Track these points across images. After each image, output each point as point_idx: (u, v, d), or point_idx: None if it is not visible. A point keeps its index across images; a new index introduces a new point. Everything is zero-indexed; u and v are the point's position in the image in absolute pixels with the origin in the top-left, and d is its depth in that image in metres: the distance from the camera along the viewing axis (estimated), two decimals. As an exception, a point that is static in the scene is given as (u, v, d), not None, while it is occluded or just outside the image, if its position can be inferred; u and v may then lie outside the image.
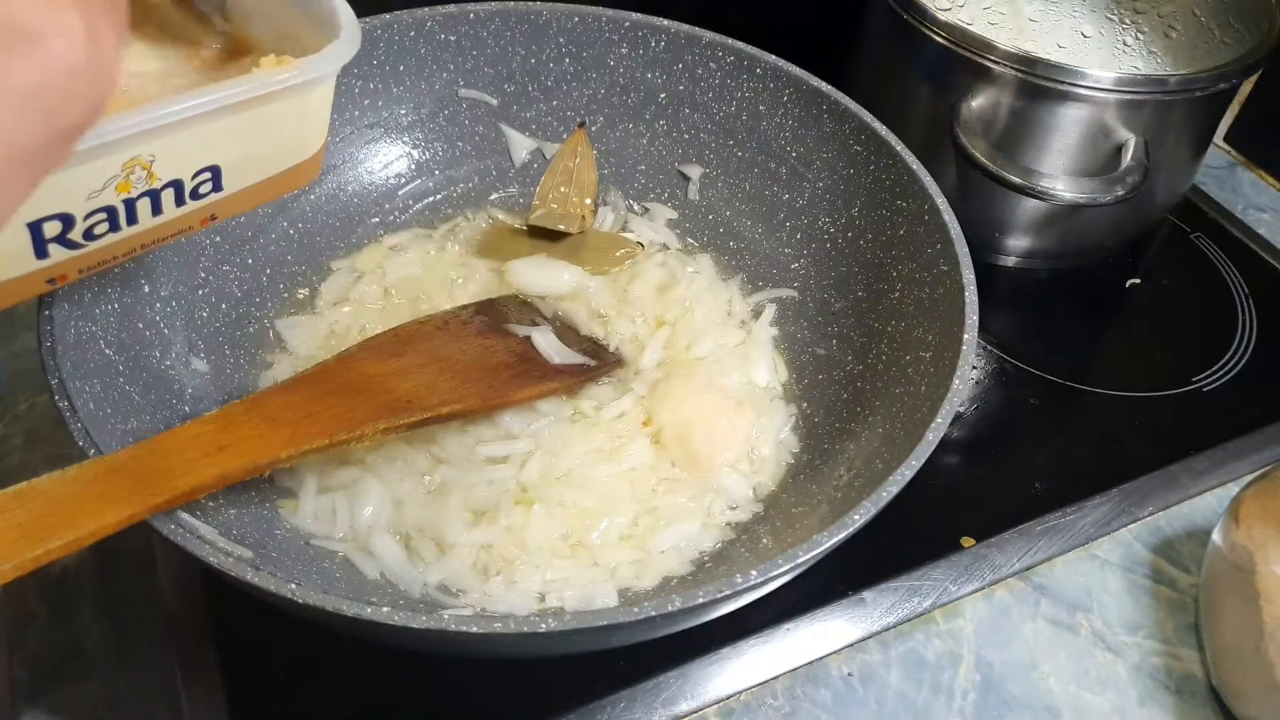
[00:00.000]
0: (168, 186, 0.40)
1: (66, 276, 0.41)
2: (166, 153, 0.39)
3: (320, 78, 0.43)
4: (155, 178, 0.39)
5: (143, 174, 0.39)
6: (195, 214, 0.43)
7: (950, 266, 0.59)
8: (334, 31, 0.44)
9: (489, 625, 0.41)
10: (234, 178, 0.43)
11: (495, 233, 0.75)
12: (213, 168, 0.42)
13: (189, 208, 0.42)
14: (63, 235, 0.38)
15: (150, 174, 0.39)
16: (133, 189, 0.39)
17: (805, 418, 0.65)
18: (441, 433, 0.60)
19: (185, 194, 0.41)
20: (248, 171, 0.44)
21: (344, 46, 0.43)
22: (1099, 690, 0.58)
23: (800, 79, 0.69)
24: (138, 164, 0.38)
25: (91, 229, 0.39)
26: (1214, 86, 0.73)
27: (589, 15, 0.73)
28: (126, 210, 0.39)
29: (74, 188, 0.37)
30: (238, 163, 0.43)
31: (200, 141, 0.40)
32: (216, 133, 0.40)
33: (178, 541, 0.43)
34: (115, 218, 0.39)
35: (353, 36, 0.44)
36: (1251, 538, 0.57)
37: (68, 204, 0.37)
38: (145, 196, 0.40)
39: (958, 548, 0.63)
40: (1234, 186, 0.95)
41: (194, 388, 0.59)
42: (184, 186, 0.41)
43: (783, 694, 0.57)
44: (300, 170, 0.47)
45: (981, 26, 0.91)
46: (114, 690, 0.55)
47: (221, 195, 0.43)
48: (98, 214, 0.39)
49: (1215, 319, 0.81)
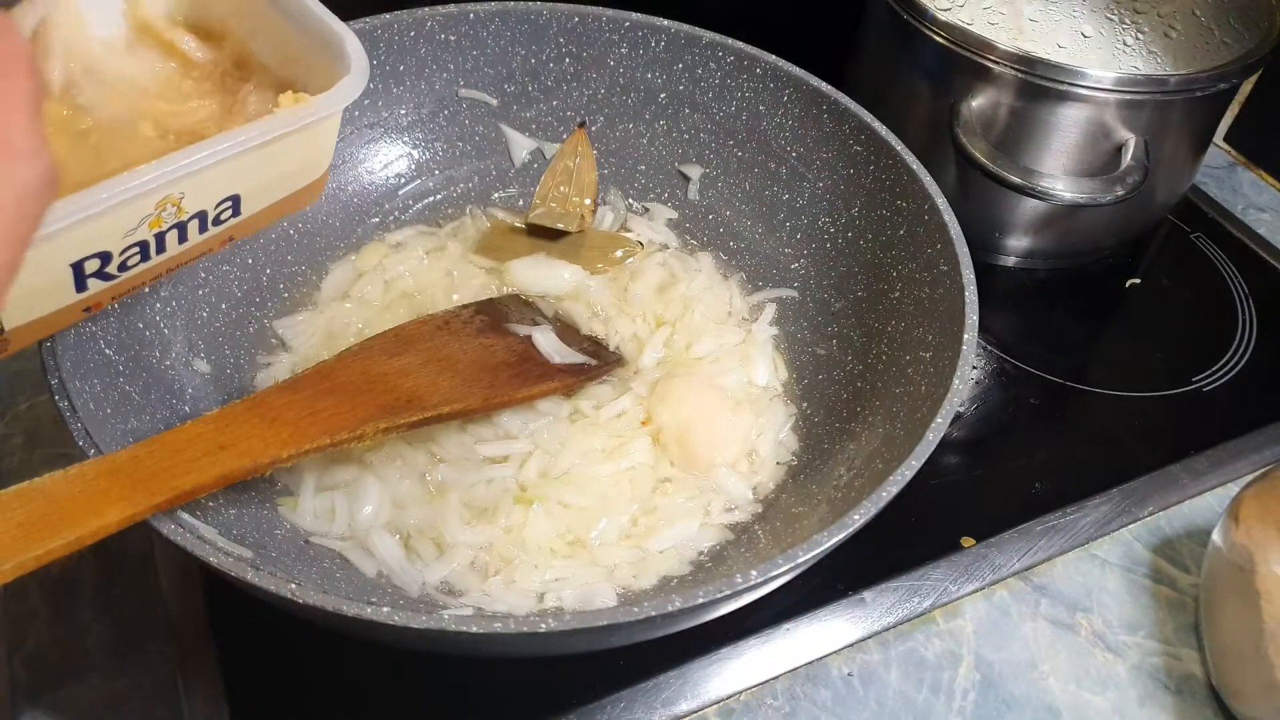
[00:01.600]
0: (194, 218, 0.43)
1: (101, 304, 0.43)
2: (195, 189, 0.41)
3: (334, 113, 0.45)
4: (184, 212, 0.42)
5: (173, 210, 0.41)
6: (216, 238, 0.45)
7: (950, 266, 0.59)
8: (339, 58, 0.45)
9: (489, 625, 0.41)
10: (251, 204, 0.45)
11: (495, 232, 0.75)
12: (233, 197, 0.44)
13: (210, 234, 0.44)
14: (101, 270, 0.40)
15: (179, 209, 0.41)
16: (164, 224, 0.41)
17: (805, 418, 0.65)
18: (441, 432, 0.60)
19: (209, 222, 0.44)
20: (264, 197, 0.46)
21: (355, 81, 0.45)
22: (1099, 690, 0.58)
23: (800, 79, 0.69)
24: (170, 202, 0.40)
25: (125, 261, 0.41)
26: (1214, 86, 0.73)
27: (589, 15, 0.73)
28: (156, 242, 0.42)
29: (113, 229, 0.39)
30: (255, 190, 0.45)
31: (225, 176, 0.42)
32: (240, 167, 0.42)
33: (178, 541, 0.43)
34: (147, 250, 0.42)
35: (362, 69, 0.45)
36: (1251, 537, 0.57)
37: (107, 244, 0.40)
38: (174, 229, 0.42)
39: (958, 548, 0.63)
40: (1234, 186, 0.95)
41: (194, 388, 0.59)
42: (208, 216, 0.43)
43: (783, 694, 0.57)
44: (310, 189, 0.49)
45: (981, 26, 0.91)
46: (114, 689, 0.55)
47: (240, 219, 0.45)
48: (132, 248, 0.41)
49: (1215, 319, 0.81)
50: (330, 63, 0.45)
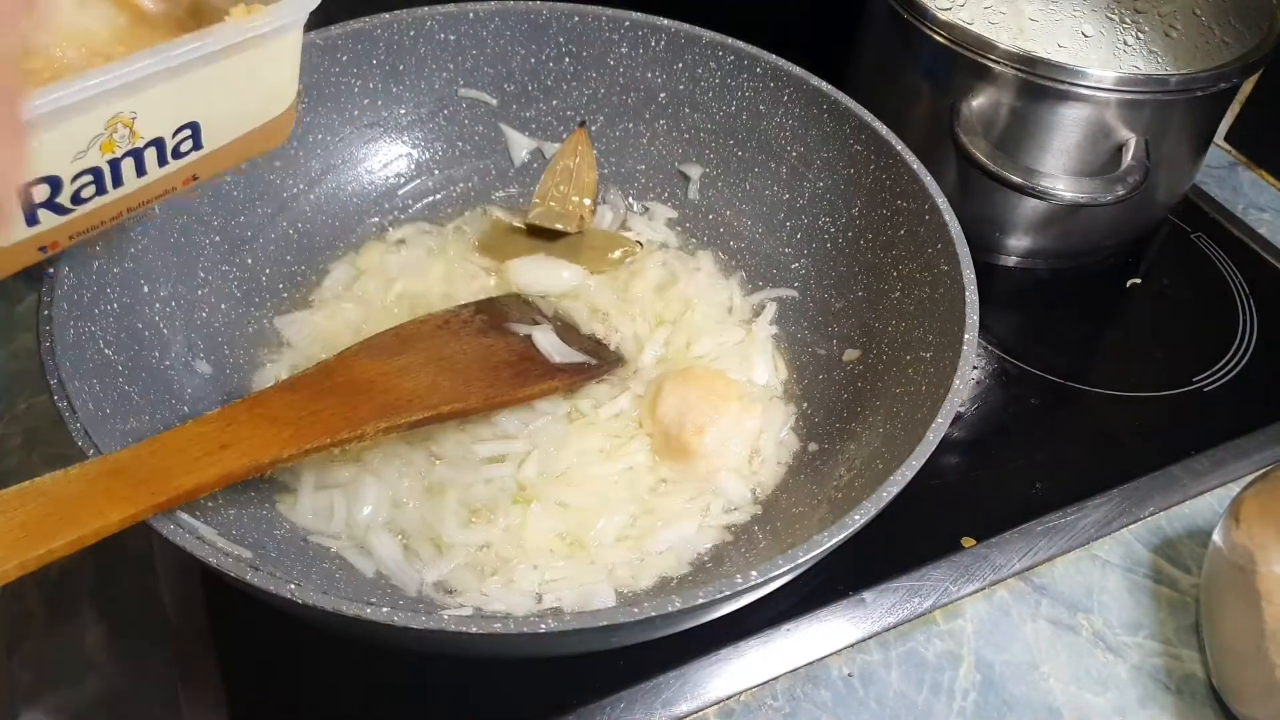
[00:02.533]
0: (150, 145, 0.41)
1: (58, 243, 0.41)
2: (147, 109, 0.39)
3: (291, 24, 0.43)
4: (137, 136, 0.40)
5: (125, 132, 0.39)
6: (178, 174, 0.43)
7: (950, 266, 0.59)
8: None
9: (488, 625, 0.41)
10: (213, 134, 0.43)
11: (494, 231, 0.75)
12: (192, 124, 0.42)
13: (171, 167, 0.42)
14: (51, 200, 0.38)
15: (132, 132, 0.39)
16: (116, 148, 0.39)
17: (805, 417, 0.65)
18: (439, 431, 0.60)
19: (167, 153, 0.42)
20: (226, 127, 0.44)
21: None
22: (1100, 690, 0.58)
23: (800, 78, 0.69)
24: (120, 121, 0.38)
25: (79, 192, 0.39)
26: (1214, 86, 0.73)
27: (589, 15, 0.72)
28: (112, 171, 0.40)
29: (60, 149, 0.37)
30: (215, 118, 0.43)
31: (179, 96, 0.40)
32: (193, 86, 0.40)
33: (177, 541, 0.43)
34: (101, 179, 0.40)
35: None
36: (1252, 538, 0.57)
37: (55, 166, 0.38)
38: (129, 156, 0.40)
39: (958, 548, 0.63)
40: (1234, 186, 0.95)
41: (193, 388, 0.59)
42: (165, 145, 0.41)
43: (783, 694, 0.57)
44: (275, 126, 0.47)
45: (982, 26, 0.91)
46: (113, 690, 0.55)
47: (202, 153, 0.43)
48: (84, 176, 0.39)
49: (1216, 319, 0.81)
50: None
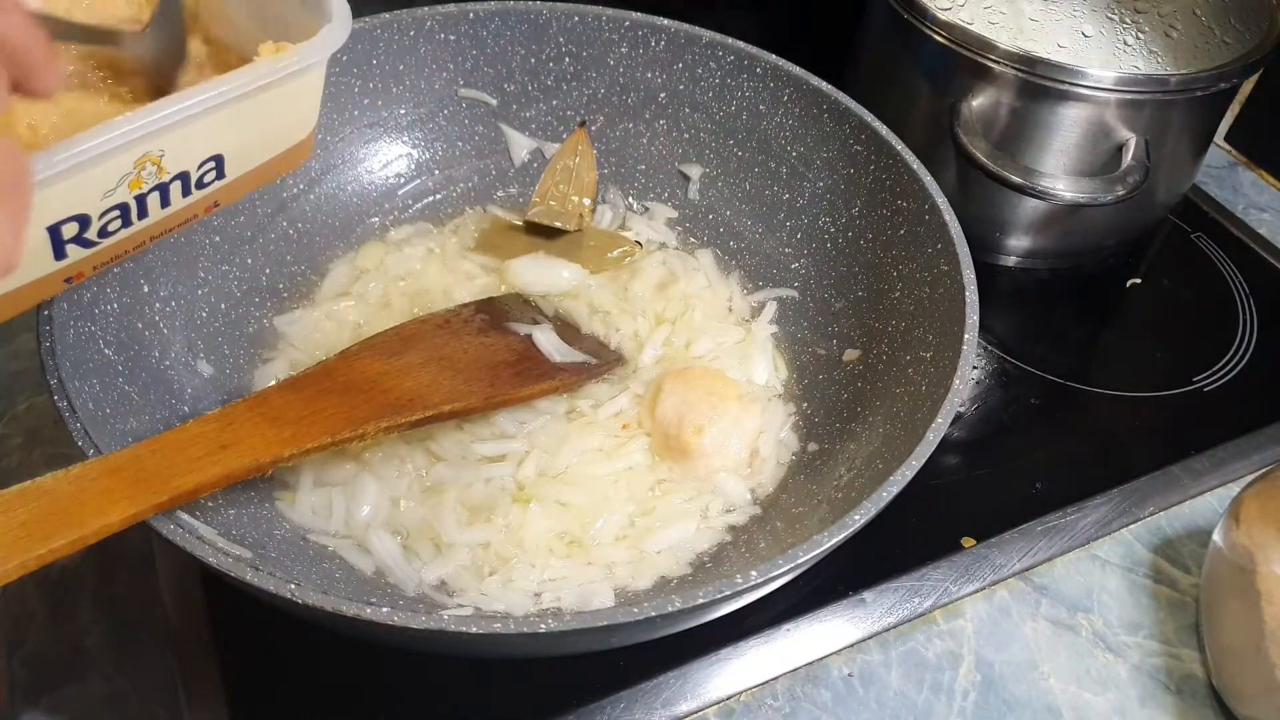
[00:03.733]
0: (175, 179, 0.41)
1: (82, 274, 0.41)
2: (175, 146, 0.40)
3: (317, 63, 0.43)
4: (165, 171, 0.40)
5: (153, 169, 0.39)
6: (200, 202, 0.44)
7: (951, 266, 0.59)
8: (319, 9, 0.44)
9: (489, 625, 0.41)
10: (235, 164, 0.44)
11: (494, 230, 0.75)
12: (216, 157, 0.42)
13: (194, 197, 0.43)
14: (80, 235, 0.39)
15: (160, 168, 0.40)
16: (144, 185, 0.39)
17: (805, 417, 0.65)
18: (438, 431, 0.60)
19: (191, 184, 0.42)
20: (248, 157, 0.44)
21: (337, 30, 0.43)
22: (1099, 690, 0.58)
23: (800, 78, 0.69)
24: (149, 160, 0.39)
25: (106, 226, 0.39)
26: (1214, 86, 0.73)
27: (589, 15, 0.72)
28: (138, 205, 0.40)
29: (91, 189, 0.38)
30: (239, 150, 0.43)
31: (206, 132, 0.41)
32: (220, 122, 0.41)
33: (177, 542, 0.43)
34: (128, 213, 0.40)
35: (344, 18, 0.44)
36: (1252, 538, 0.57)
37: (85, 205, 0.38)
38: (155, 190, 0.40)
39: (958, 548, 0.63)
40: (1234, 186, 0.95)
41: (193, 388, 0.59)
42: (190, 177, 0.42)
43: (783, 694, 0.57)
44: (295, 152, 0.47)
45: (982, 26, 0.91)
46: (113, 689, 0.55)
47: (224, 182, 0.44)
48: (111, 211, 0.39)
49: (1216, 319, 0.81)
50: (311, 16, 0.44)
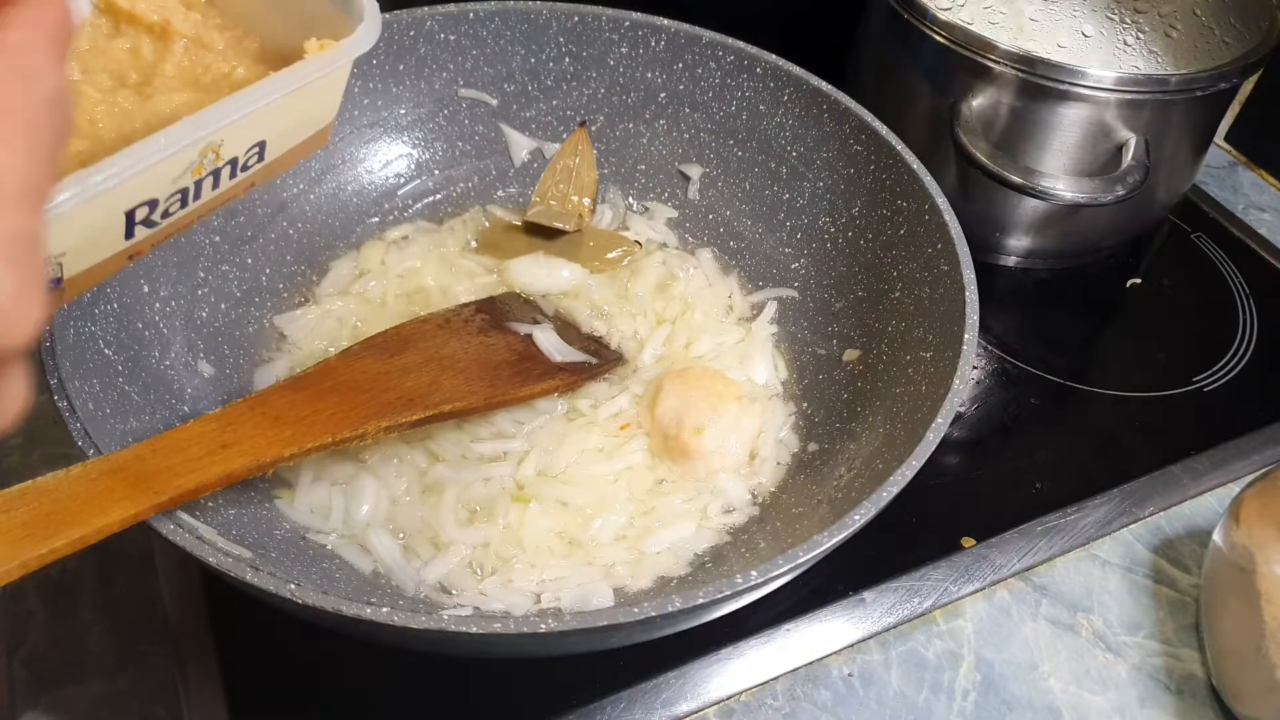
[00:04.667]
0: (227, 164, 0.44)
1: (142, 251, 0.44)
2: (232, 136, 0.43)
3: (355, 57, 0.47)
4: (220, 158, 0.43)
5: (212, 157, 0.43)
6: (241, 184, 0.47)
7: (951, 266, 0.59)
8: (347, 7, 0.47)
9: (489, 625, 0.41)
10: (274, 149, 0.47)
11: (494, 229, 0.75)
12: (260, 143, 0.46)
13: (238, 179, 0.46)
14: (148, 218, 0.42)
15: (217, 156, 0.43)
16: (203, 170, 0.43)
17: (805, 417, 0.65)
18: (438, 430, 0.60)
19: (238, 169, 0.45)
20: (285, 142, 0.48)
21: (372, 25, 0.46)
22: (1099, 690, 0.58)
23: (800, 78, 0.69)
24: (211, 149, 0.42)
25: (168, 209, 0.43)
26: (1214, 86, 0.73)
27: (589, 15, 0.72)
28: (195, 189, 0.44)
29: (165, 176, 0.41)
30: (279, 136, 0.47)
31: (257, 122, 0.44)
32: (270, 113, 0.44)
33: (177, 541, 0.43)
34: (186, 196, 0.43)
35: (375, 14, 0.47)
36: (1252, 538, 0.57)
37: (156, 191, 0.41)
38: (210, 175, 0.44)
39: (958, 548, 0.63)
40: (1234, 186, 0.95)
41: (193, 388, 0.59)
42: (238, 162, 0.45)
43: (783, 694, 0.57)
44: (321, 135, 0.50)
45: (982, 26, 0.91)
46: (113, 689, 0.55)
47: (263, 165, 0.47)
48: (175, 195, 0.42)
49: (1216, 319, 0.81)
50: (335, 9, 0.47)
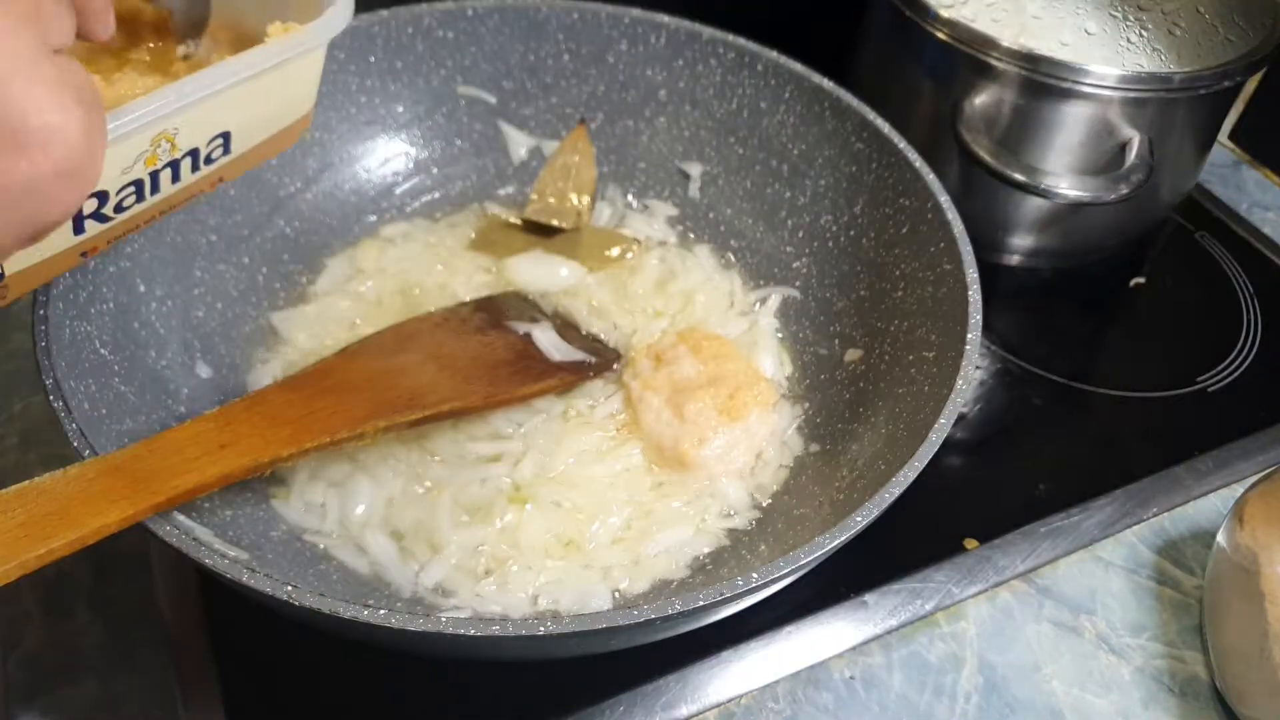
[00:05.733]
0: (186, 155, 0.43)
1: (97, 248, 0.43)
2: (188, 124, 0.41)
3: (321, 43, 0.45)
4: (177, 149, 0.42)
5: (167, 146, 0.41)
6: (207, 178, 0.45)
7: (954, 265, 0.58)
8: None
9: (487, 628, 0.41)
10: (241, 141, 0.45)
11: (491, 227, 0.74)
12: (224, 134, 0.44)
13: (202, 172, 0.45)
14: (98, 211, 0.41)
15: (173, 145, 0.41)
16: (158, 161, 0.41)
17: (807, 418, 0.65)
18: (434, 430, 0.60)
19: (200, 160, 0.44)
20: (253, 133, 0.46)
21: (343, 10, 0.45)
22: (1103, 693, 0.58)
23: (802, 76, 0.69)
24: (164, 137, 0.41)
25: (121, 202, 0.41)
26: (1218, 84, 0.72)
27: (588, 11, 0.72)
28: (151, 181, 0.42)
29: (111, 167, 0.39)
30: (245, 126, 0.45)
31: (217, 111, 0.42)
32: (230, 101, 0.42)
33: (173, 543, 0.43)
34: (142, 189, 0.42)
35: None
36: (1256, 539, 0.57)
37: (105, 182, 0.40)
38: (168, 167, 0.42)
39: (960, 549, 0.62)
40: (1239, 185, 0.95)
41: (190, 388, 0.59)
42: (200, 153, 0.43)
43: (784, 697, 0.56)
44: (295, 127, 0.49)
45: (984, 23, 0.90)
46: (109, 691, 0.55)
47: (230, 158, 0.45)
48: (128, 188, 0.41)
49: (1220, 318, 0.80)
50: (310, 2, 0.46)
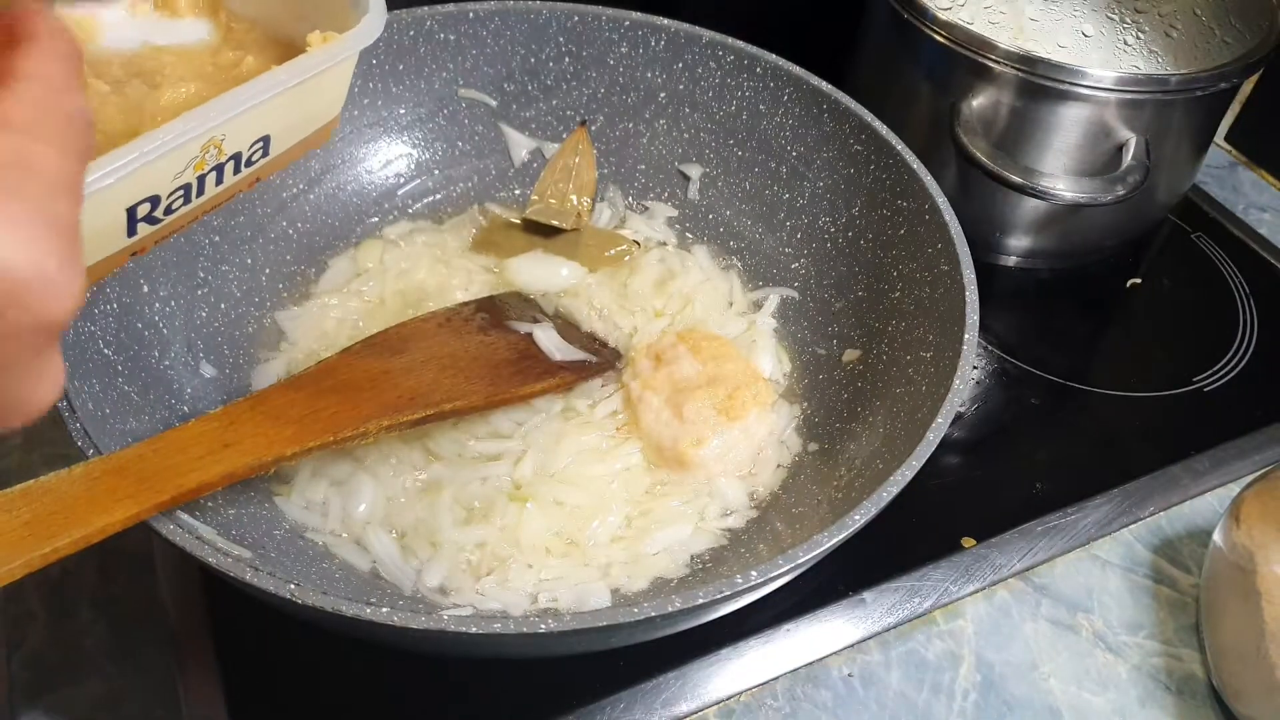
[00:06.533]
0: (230, 159, 0.44)
1: (145, 248, 0.44)
2: (234, 130, 0.43)
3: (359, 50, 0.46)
4: (223, 153, 0.43)
5: (214, 152, 0.43)
6: (246, 178, 0.47)
7: (951, 266, 0.58)
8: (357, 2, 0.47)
9: (488, 625, 0.41)
10: (279, 143, 0.47)
11: (492, 227, 0.75)
12: (264, 138, 0.45)
13: (243, 174, 0.46)
14: (150, 214, 0.42)
15: (220, 150, 0.43)
16: (206, 166, 0.43)
17: (806, 417, 0.65)
18: (435, 429, 0.60)
19: (242, 163, 0.45)
20: (290, 136, 0.48)
21: (376, 18, 0.46)
22: (1100, 691, 0.58)
23: (800, 78, 0.69)
24: (213, 144, 0.42)
25: (171, 205, 0.43)
26: (1214, 86, 0.73)
27: (589, 14, 0.72)
28: (198, 184, 0.43)
29: (166, 172, 0.41)
30: (283, 130, 0.47)
31: (261, 117, 0.44)
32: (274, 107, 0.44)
33: (177, 542, 0.43)
34: (189, 192, 0.43)
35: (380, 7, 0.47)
36: (1252, 538, 0.57)
37: (158, 187, 0.41)
38: (214, 171, 0.44)
39: (958, 548, 0.63)
40: (1235, 186, 0.95)
41: (193, 388, 0.59)
42: (242, 157, 0.45)
43: (783, 695, 0.57)
44: (325, 129, 0.50)
45: (982, 26, 0.91)
46: (113, 690, 0.55)
47: (268, 160, 0.47)
48: (178, 191, 0.42)
49: (1216, 319, 0.81)
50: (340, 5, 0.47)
